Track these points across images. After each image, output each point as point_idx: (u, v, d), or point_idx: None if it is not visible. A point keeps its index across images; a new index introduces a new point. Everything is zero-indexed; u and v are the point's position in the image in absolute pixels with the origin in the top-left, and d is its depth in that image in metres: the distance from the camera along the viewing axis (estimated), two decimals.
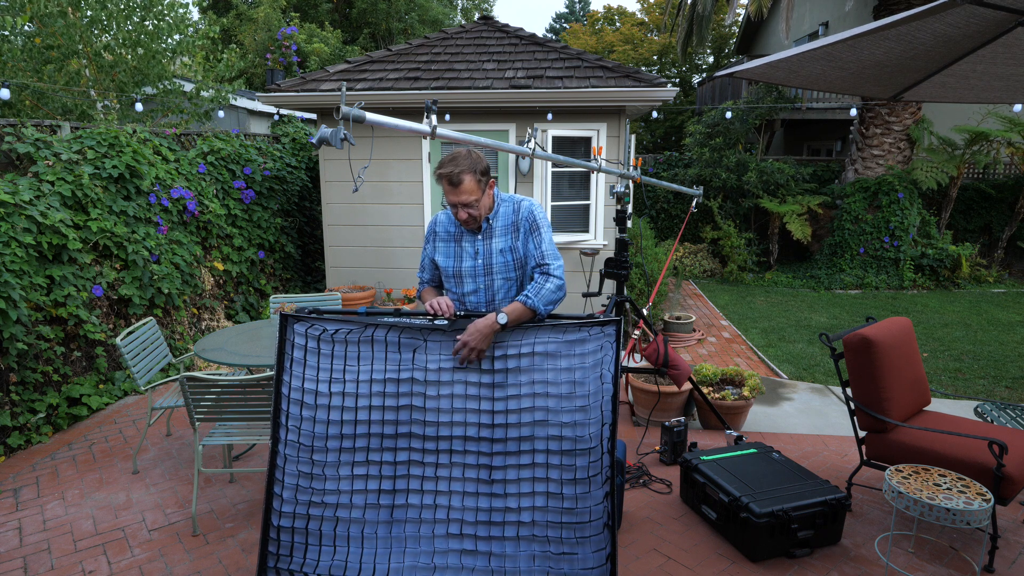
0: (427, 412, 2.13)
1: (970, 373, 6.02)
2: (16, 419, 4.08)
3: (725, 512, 3.01)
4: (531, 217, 2.46)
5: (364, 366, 2.16)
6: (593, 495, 2.06)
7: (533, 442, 2.09)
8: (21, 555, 2.97)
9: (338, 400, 2.16)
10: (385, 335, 2.15)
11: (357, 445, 2.16)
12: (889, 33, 2.91)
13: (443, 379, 2.13)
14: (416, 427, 2.14)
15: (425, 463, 2.13)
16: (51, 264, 4.49)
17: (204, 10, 18.34)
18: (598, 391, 2.08)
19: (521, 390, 2.11)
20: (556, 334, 2.13)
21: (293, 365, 2.18)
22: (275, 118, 9.45)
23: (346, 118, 2.80)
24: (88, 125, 5.32)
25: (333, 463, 2.15)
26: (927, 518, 2.48)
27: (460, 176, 2.31)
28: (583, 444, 2.06)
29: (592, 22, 27.41)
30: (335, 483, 2.15)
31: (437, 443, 2.12)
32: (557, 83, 6.45)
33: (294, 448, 2.16)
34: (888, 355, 3.18)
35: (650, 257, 7.59)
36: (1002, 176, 11.53)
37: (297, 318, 2.19)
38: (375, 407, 2.15)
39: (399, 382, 2.15)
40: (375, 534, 2.14)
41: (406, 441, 2.14)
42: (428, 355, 2.15)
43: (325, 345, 2.16)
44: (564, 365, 2.10)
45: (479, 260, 2.47)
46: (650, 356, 4.25)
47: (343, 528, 2.14)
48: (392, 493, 2.14)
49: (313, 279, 8.30)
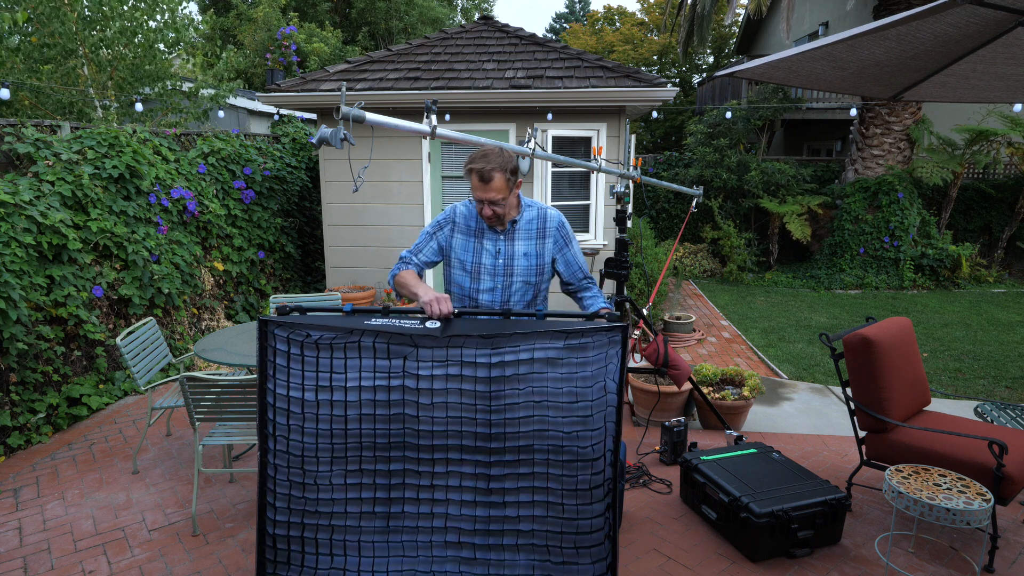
0: (420, 421, 2.04)
1: (970, 373, 6.02)
2: (16, 419, 4.08)
3: (725, 512, 3.01)
4: (563, 229, 2.50)
5: (352, 373, 2.05)
6: (594, 507, 2.00)
7: (532, 452, 2.02)
8: (21, 555, 2.97)
9: (326, 409, 2.06)
10: (373, 341, 2.03)
11: (349, 455, 2.08)
12: (889, 33, 2.91)
13: (436, 387, 2.03)
14: (410, 437, 2.06)
15: (420, 472, 2.07)
16: (51, 264, 4.49)
17: (204, 9, 18.34)
18: (601, 400, 1.98)
19: (520, 399, 2.01)
20: (557, 340, 1.99)
21: (276, 372, 2.07)
22: (275, 118, 9.45)
23: (346, 118, 2.80)
24: (88, 125, 5.32)
25: (325, 473, 2.08)
26: (927, 518, 2.48)
27: (491, 173, 2.27)
28: (585, 455, 1.99)
29: (592, 22, 27.41)
30: (328, 492, 2.09)
31: (432, 452, 2.05)
32: (557, 83, 6.45)
33: (284, 458, 2.09)
34: (888, 355, 3.18)
35: (650, 257, 7.59)
36: (1002, 176, 11.53)
37: (278, 323, 2.06)
38: (366, 416, 2.06)
39: (390, 390, 2.05)
40: (372, 542, 2.09)
41: (400, 451, 2.07)
42: (420, 362, 2.03)
43: (309, 351, 2.05)
44: (565, 373, 1.99)
45: (500, 260, 2.43)
46: (650, 356, 4.25)
47: (339, 536, 2.09)
48: (388, 502, 2.09)
49: (313, 279, 8.30)
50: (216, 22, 16.95)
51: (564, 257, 2.47)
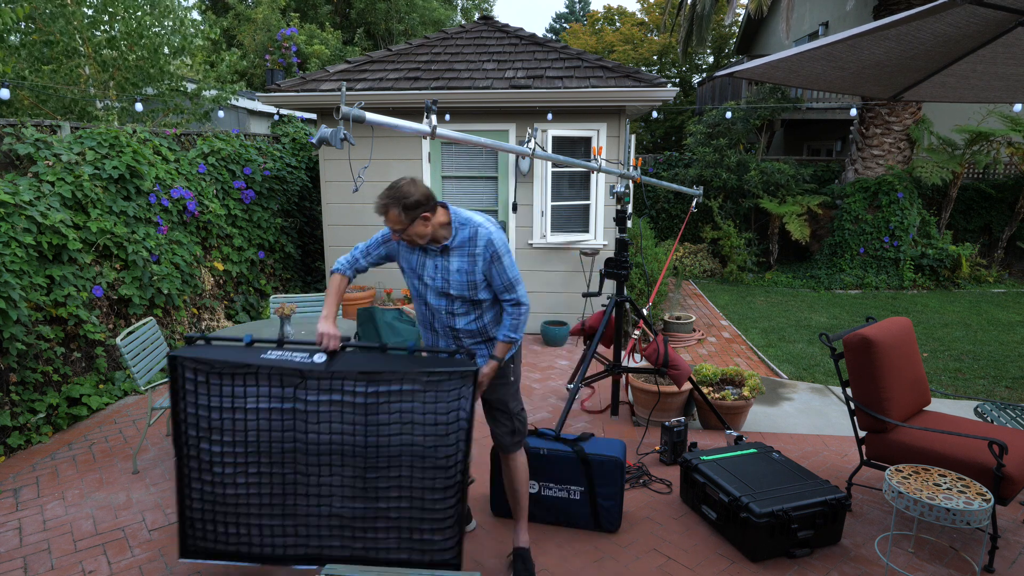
0: (308, 435, 2.54)
1: (970, 373, 6.02)
2: (16, 419, 4.09)
3: (725, 512, 3.01)
4: (490, 247, 2.59)
5: (251, 395, 2.53)
6: (447, 501, 2.53)
7: (400, 459, 2.52)
8: (21, 555, 2.97)
9: (229, 424, 2.54)
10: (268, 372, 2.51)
11: (249, 460, 2.56)
12: (889, 33, 2.92)
13: (322, 409, 2.53)
14: (300, 446, 2.55)
15: (309, 475, 2.57)
16: (51, 264, 4.49)
17: (204, 10, 18.34)
18: (456, 423, 2.48)
19: (390, 418, 2.50)
20: (421, 375, 2.48)
21: (187, 395, 2.54)
22: (275, 118, 9.45)
23: (346, 118, 2.80)
24: (88, 125, 5.32)
25: (231, 474, 2.57)
26: (927, 518, 2.48)
27: (383, 208, 2.49)
28: (440, 464, 2.50)
29: (592, 22, 27.41)
30: (234, 489, 2.58)
31: (319, 459, 2.55)
32: (557, 83, 6.45)
33: (196, 463, 2.57)
34: (888, 355, 3.18)
35: (650, 257, 7.59)
36: (1002, 176, 11.53)
37: (186, 357, 2.51)
38: (263, 430, 2.54)
39: (283, 412, 2.54)
40: (271, 525, 2.60)
41: (291, 457, 2.56)
42: (308, 391, 2.52)
43: (214, 378, 2.53)
44: (427, 400, 2.49)
45: (438, 273, 2.63)
46: (650, 356, 4.25)
47: (245, 519, 2.60)
48: (283, 496, 2.58)
49: (313, 279, 8.30)
50: (216, 22, 16.95)
51: (492, 271, 2.62)
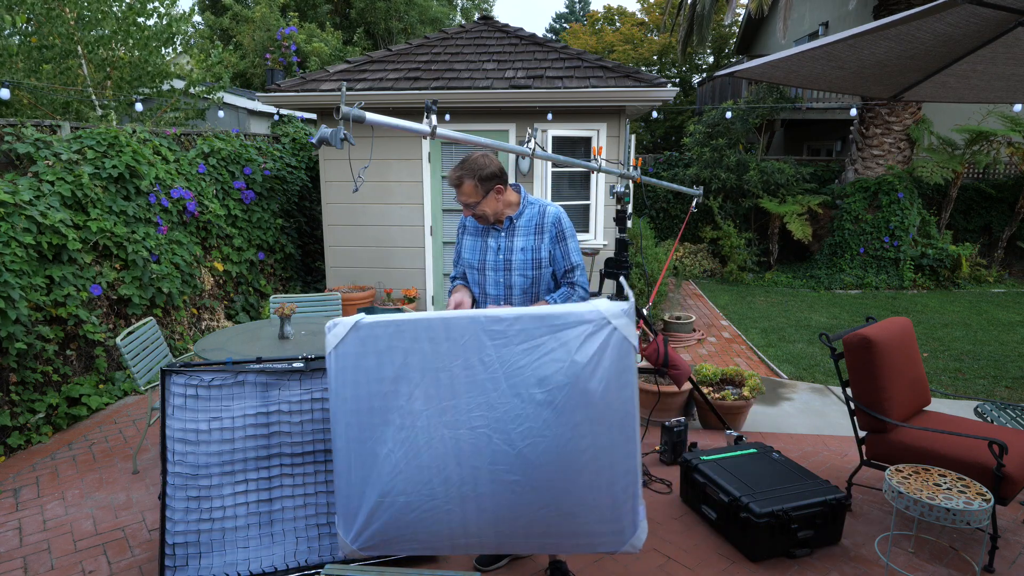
0: (292, 435, 2.64)
1: (970, 373, 6.02)
2: (16, 419, 4.08)
3: (725, 512, 3.01)
4: (559, 224, 2.62)
5: (238, 404, 2.63)
6: None
7: None
8: (21, 555, 2.97)
9: (217, 435, 2.61)
10: (254, 379, 2.64)
11: (236, 468, 2.63)
12: (889, 33, 2.92)
13: (303, 408, 2.65)
14: (285, 447, 2.64)
15: (294, 474, 2.65)
16: (51, 264, 4.49)
17: (203, 10, 18.33)
18: None
19: None
20: None
21: (175, 411, 2.61)
22: (275, 118, 9.45)
23: (346, 118, 2.80)
24: (87, 125, 5.32)
25: (217, 486, 2.62)
26: (927, 518, 2.48)
27: (458, 179, 2.55)
28: None
29: (592, 22, 27.40)
30: (220, 501, 2.61)
31: (303, 457, 2.64)
32: (557, 83, 6.45)
33: (181, 478, 2.61)
34: (888, 355, 3.18)
35: (650, 257, 7.59)
36: (1002, 176, 11.53)
37: (176, 372, 2.62)
38: (249, 436, 2.62)
39: (268, 414, 2.64)
40: (259, 536, 2.63)
41: (277, 459, 2.64)
42: (290, 392, 2.64)
43: (203, 391, 2.63)
44: None
45: (500, 255, 2.63)
46: (650, 356, 4.24)
47: (231, 536, 2.61)
48: (269, 502, 2.65)
49: (313, 279, 8.29)
50: (215, 22, 16.95)
51: (552, 251, 2.63)
